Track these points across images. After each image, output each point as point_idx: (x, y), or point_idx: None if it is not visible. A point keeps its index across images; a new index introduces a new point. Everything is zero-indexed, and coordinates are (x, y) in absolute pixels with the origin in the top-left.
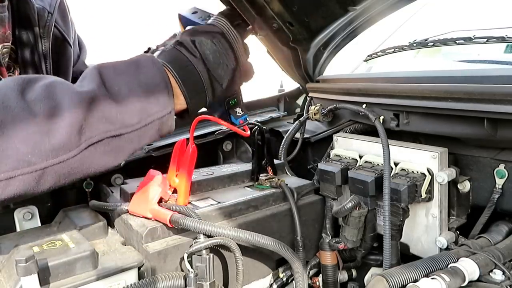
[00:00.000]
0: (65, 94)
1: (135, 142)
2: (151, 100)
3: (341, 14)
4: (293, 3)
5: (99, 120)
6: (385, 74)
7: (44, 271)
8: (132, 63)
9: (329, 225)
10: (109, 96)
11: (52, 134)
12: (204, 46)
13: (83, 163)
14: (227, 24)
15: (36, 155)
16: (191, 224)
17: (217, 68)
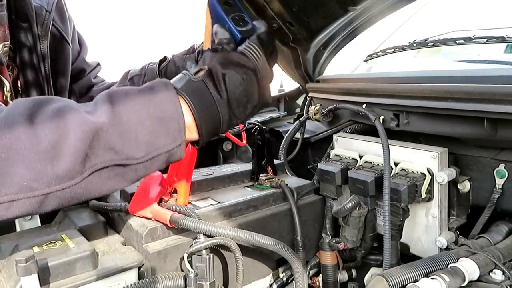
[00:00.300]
0: (73, 122)
1: (140, 171)
2: (161, 133)
3: (341, 14)
4: (293, 3)
5: (105, 149)
6: (385, 74)
7: (44, 271)
8: (146, 90)
9: (329, 225)
10: (117, 127)
11: (56, 162)
12: (233, 83)
13: (87, 188)
14: (261, 58)
15: (39, 182)
16: (191, 224)
17: (238, 107)
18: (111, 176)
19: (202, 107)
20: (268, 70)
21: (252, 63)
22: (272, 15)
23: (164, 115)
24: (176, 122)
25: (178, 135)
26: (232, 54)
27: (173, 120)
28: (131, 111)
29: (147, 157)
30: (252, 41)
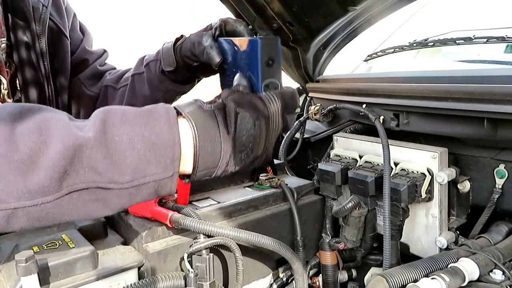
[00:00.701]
0: (57, 134)
1: (124, 198)
2: (152, 160)
3: (341, 14)
4: (293, 3)
5: (87, 168)
6: (385, 74)
7: (44, 271)
8: (145, 112)
9: (329, 225)
10: (104, 147)
11: (29, 175)
12: (244, 124)
13: (61, 209)
14: (278, 111)
15: (8, 194)
16: (191, 224)
17: (241, 152)
18: (91, 199)
19: (206, 137)
20: (280, 127)
21: (267, 112)
22: (272, 15)
23: (159, 141)
24: (170, 150)
25: (170, 165)
26: (251, 96)
27: (168, 148)
28: (123, 131)
29: (132, 183)
30: (274, 92)
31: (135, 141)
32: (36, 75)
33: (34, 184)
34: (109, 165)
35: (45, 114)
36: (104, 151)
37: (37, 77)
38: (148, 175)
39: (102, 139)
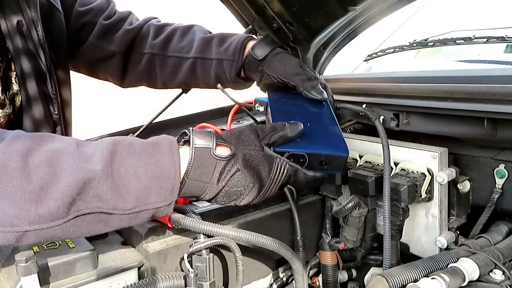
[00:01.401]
0: (67, 166)
1: (124, 222)
2: (153, 190)
3: (341, 14)
4: (293, 3)
5: (93, 197)
6: (385, 74)
7: (44, 271)
8: (150, 145)
9: (329, 225)
10: (111, 178)
11: (41, 203)
12: (236, 182)
13: (67, 230)
14: (280, 180)
15: (20, 219)
16: (191, 224)
17: (223, 197)
18: (94, 221)
19: (195, 177)
20: (272, 194)
21: (267, 180)
22: (272, 15)
23: (161, 173)
24: (171, 182)
25: (169, 195)
26: (260, 157)
27: (169, 181)
28: (129, 163)
29: (134, 210)
30: (293, 166)
31: (139, 172)
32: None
33: (45, 212)
34: (114, 194)
35: (55, 145)
36: (110, 181)
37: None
38: (149, 203)
39: (109, 171)
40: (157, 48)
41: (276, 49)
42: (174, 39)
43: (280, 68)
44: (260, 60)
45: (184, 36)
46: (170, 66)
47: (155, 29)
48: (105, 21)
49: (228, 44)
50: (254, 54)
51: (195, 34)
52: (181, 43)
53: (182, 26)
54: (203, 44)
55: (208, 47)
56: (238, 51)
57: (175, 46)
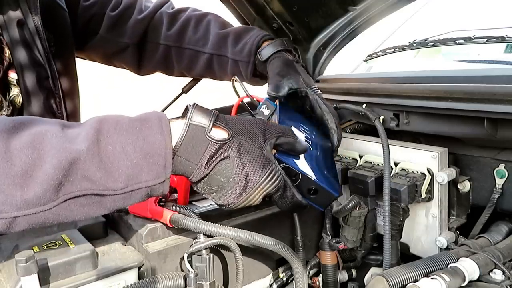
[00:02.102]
0: (50, 148)
1: (118, 202)
2: (144, 167)
3: (341, 14)
4: (293, 3)
5: (81, 178)
6: (385, 74)
7: (44, 271)
8: (138, 121)
9: (329, 225)
10: (98, 157)
11: (26, 188)
12: (223, 169)
13: (60, 214)
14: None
15: (7, 205)
16: (191, 224)
17: (203, 186)
18: (87, 203)
19: (184, 155)
20: (254, 203)
21: (255, 180)
22: (272, 15)
23: (151, 149)
24: (163, 158)
25: (162, 172)
26: (256, 154)
27: (160, 156)
28: (116, 141)
29: (126, 189)
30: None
31: (128, 150)
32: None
33: (31, 196)
34: (103, 174)
35: (38, 128)
36: (97, 161)
37: (34, 56)
38: (141, 182)
39: (95, 149)
40: (172, 40)
41: (279, 52)
42: (189, 29)
43: (270, 69)
44: (264, 61)
45: (198, 27)
46: (186, 58)
47: (168, 17)
48: (113, 12)
49: (243, 44)
50: (259, 56)
51: (210, 26)
52: (196, 34)
53: (195, 15)
54: (219, 39)
55: (224, 44)
56: (253, 53)
57: (190, 38)
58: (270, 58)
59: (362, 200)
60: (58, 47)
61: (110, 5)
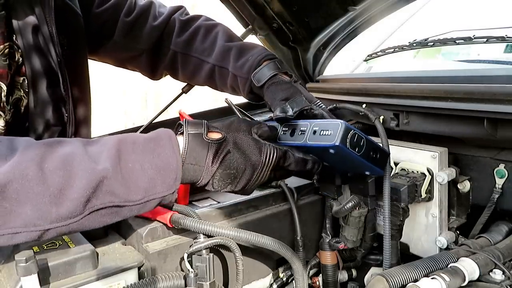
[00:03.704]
0: (80, 169)
1: (134, 211)
2: (158, 181)
3: (341, 14)
4: (293, 3)
5: (106, 193)
6: (385, 74)
7: (44, 271)
8: (152, 140)
9: (329, 225)
10: (120, 175)
11: (60, 205)
12: (228, 163)
13: (83, 225)
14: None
15: (42, 220)
16: (191, 224)
17: (219, 181)
18: (106, 214)
19: (191, 160)
20: (265, 178)
21: (258, 163)
22: (272, 15)
23: (165, 165)
24: (174, 172)
25: (173, 184)
26: (252, 142)
27: (172, 171)
28: (135, 159)
29: (142, 200)
30: (279, 148)
31: (145, 167)
32: (46, 61)
33: (64, 211)
34: (125, 189)
35: (65, 149)
36: (120, 177)
37: (47, 62)
38: (156, 193)
39: (118, 168)
40: (180, 47)
41: (275, 76)
42: (198, 38)
43: (269, 96)
44: (259, 87)
45: (207, 36)
46: (191, 66)
47: (180, 24)
48: (127, 18)
49: (244, 60)
50: (254, 81)
51: (217, 37)
52: (203, 44)
53: (206, 24)
54: (223, 52)
55: (227, 57)
56: (252, 71)
57: (197, 46)
58: (266, 84)
59: (362, 200)
60: (71, 51)
61: (124, 10)
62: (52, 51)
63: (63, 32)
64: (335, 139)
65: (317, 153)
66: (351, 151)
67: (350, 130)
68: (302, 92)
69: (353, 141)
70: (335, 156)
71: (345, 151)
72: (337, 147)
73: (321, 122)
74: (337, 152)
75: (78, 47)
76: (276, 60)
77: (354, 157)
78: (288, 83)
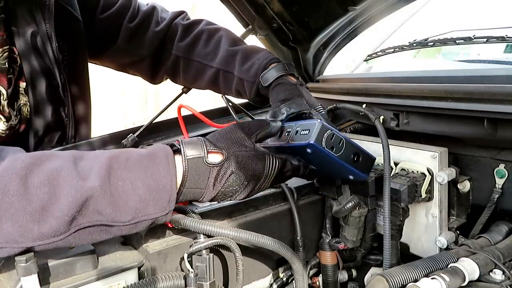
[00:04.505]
0: (66, 186)
1: (124, 231)
2: (150, 202)
3: (341, 14)
4: (293, 3)
5: (93, 212)
6: (385, 74)
7: (44, 271)
8: (146, 158)
9: (329, 225)
10: (109, 193)
11: (43, 223)
12: (232, 182)
13: (70, 242)
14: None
15: (24, 237)
16: (191, 224)
17: (221, 196)
18: (95, 231)
19: (191, 185)
20: (266, 186)
21: (261, 175)
22: (272, 15)
23: (158, 186)
24: (168, 194)
25: (167, 206)
26: (252, 156)
27: (166, 192)
28: (126, 177)
29: (132, 221)
30: (281, 158)
31: (137, 186)
32: (45, 65)
33: (47, 230)
34: (113, 209)
35: (53, 164)
36: (108, 196)
37: (45, 65)
38: (147, 214)
39: (107, 186)
40: (182, 51)
41: (282, 77)
42: (200, 43)
43: (273, 96)
44: (266, 87)
45: (209, 41)
46: (193, 70)
47: (182, 29)
48: (131, 24)
49: (250, 64)
50: (262, 81)
51: (220, 41)
52: (206, 48)
53: (208, 29)
54: (227, 56)
55: (232, 62)
56: (259, 74)
57: (200, 51)
58: (272, 84)
59: (362, 200)
60: (71, 56)
61: (127, 16)
62: (49, 53)
63: (63, 37)
64: (310, 138)
65: (301, 155)
66: (327, 151)
67: (327, 129)
68: (304, 95)
69: (330, 141)
70: (315, 157)
71: (321, 151)
72: (312, 146)
73: (304, 123)
74: (314, 152)
75: (78, 52)
76: (284, 62)
77: (332, 158)
78: (293, 85)
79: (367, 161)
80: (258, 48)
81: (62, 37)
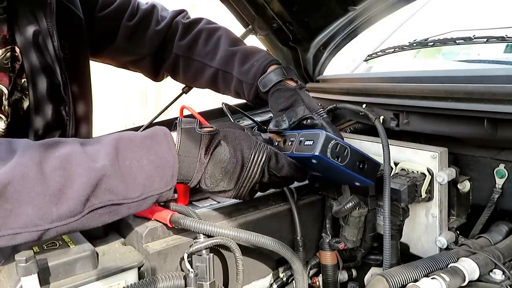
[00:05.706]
0: (79, 168)
1: (132, 209)
2: (156, 178)
3: (341, 14)
4: (293, 3)
5: (105, 191)
6: (385, 74)
7: (44, 271)
8: (148, 137)
9: (329, 225)
10: (119, 172)
11: (60, 204)
12: (218, 155)
13: (83, 224)
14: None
15: (43, 220)
16: (191, 224)
17: (210, 178)
18: (106, 212)
19: (185, 153)
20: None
21: (248, 155)
22: (272, 15)
23: (162, 162)
24: (171, 169)
25: (170, 181)
26: (242, 135)
27: (169, 168)
28: (133, 156)
29: (141, 197)
30: (273, 149)
31: (143, 163)
32: (46, 63)
33: (64, 210)
34: (123, 186)
35: (64, 149)
36: (119, 175)
37: (47, 63)
38: (154, 190)
39: (116, 165)
40: (182, 50)
41: (280, 83)
42: (200, 42)
43: (272, 102)
44: (265, 92)
45: (209, 40)
46: (193, 70)
47: (183, 27)
48: (130, 22)
49: (249, 66)
50: (260, 86)
51: (220, 41)
52: (205, 47)
53: (208, 28)
54: (226, 56)
55: (231, 62)
56: (258, 77)
57: (200, 50)
58: (271, 90)
59: (362, 200)
60: (72, 54)
61: (126, 14)
62: (50, 49)
63: (64, 35)
64: (315, 149)
65: (305, 163)
66: (333, 161)
67: (331, 140)
68: (304, 100)
69: (335, 151)
70: (320, 167)
71: (327, 161)
72: (318, 157)
73: (307, 132)
74: (319, 162)
75: (80, 50)
76: (283, 66)
77: (338, 167)
78: (292, 90)
79: (373, 168)
80: (257, 48)
81: (63, 35)
